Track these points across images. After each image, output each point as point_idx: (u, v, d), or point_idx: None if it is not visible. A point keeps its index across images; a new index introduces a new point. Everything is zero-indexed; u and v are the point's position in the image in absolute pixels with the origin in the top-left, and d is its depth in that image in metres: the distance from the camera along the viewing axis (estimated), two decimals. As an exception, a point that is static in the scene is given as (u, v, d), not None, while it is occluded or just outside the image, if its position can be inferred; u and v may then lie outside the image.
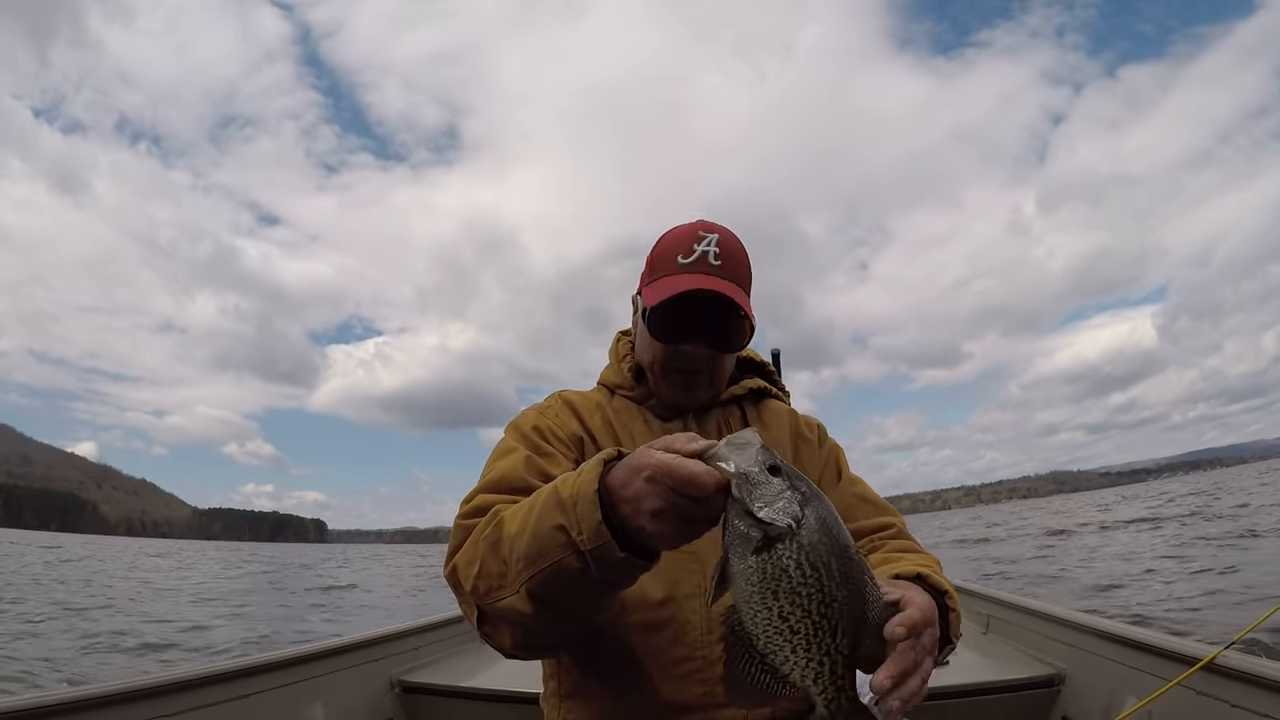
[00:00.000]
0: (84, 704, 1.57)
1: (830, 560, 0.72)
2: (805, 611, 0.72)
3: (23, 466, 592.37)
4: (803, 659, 0.74)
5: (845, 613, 0.73)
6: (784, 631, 0.72)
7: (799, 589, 0.71)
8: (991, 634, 2.79)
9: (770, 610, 0.72)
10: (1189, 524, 17.77)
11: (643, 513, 0.78)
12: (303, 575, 23.09)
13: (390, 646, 2.56)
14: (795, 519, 0.72)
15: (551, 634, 0.97)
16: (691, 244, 1.25)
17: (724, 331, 1.26)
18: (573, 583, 0.85)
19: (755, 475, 0.74)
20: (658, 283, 1.24)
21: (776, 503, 0.72)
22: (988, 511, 77.00)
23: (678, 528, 0.77)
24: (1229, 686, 1.64)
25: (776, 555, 0.71)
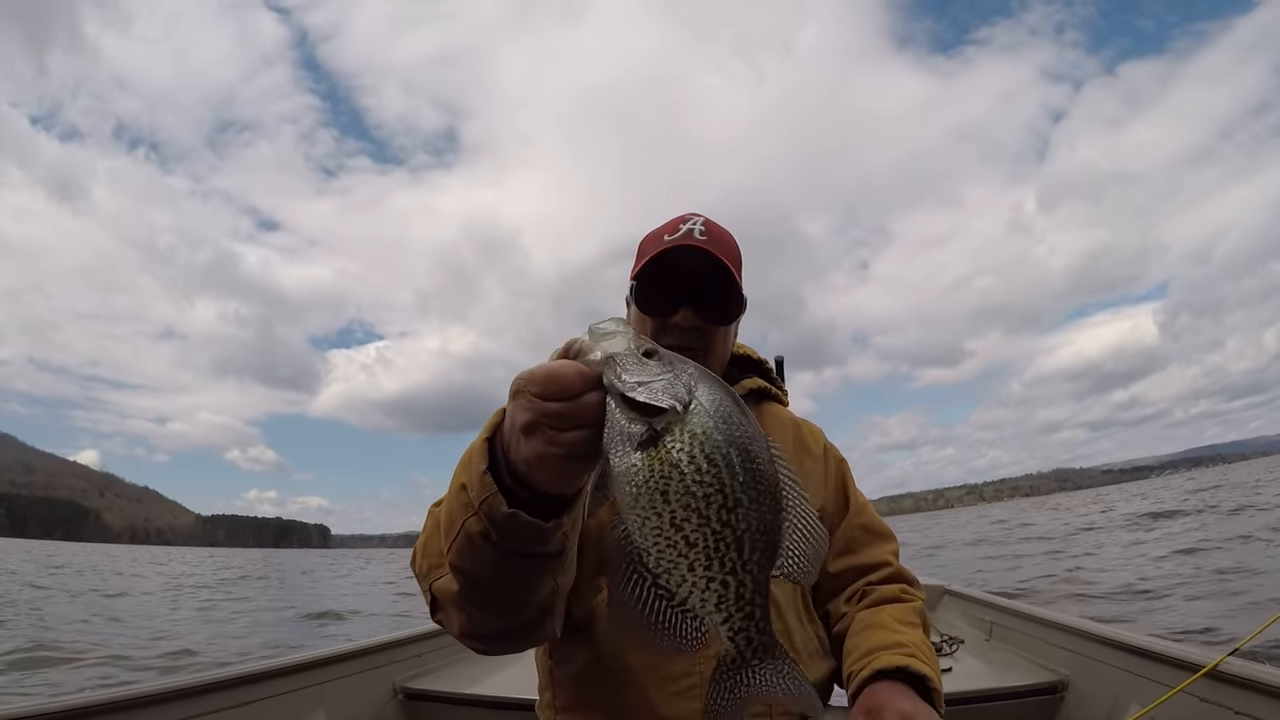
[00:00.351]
0: (85, 711, 1.57)
1: (731, 453, 0.60)
2: (703, 518, 0.59)
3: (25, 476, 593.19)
4: (701, 579, 0.61)
5: (755, 521, 0.61)
6: (678, 544, 0.60)
7: (693, 489, 0.59)
8: (995, 641, 2.78)
9: (660, 517, 0.59)
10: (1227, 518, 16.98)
11: (518, 438, 0.68)
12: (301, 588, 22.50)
13: (393, 653, 2.56)
14: (682, 401, 0.61)
15: (490, 620, 0.89)
16: (677, 225, 1.25)
17: (712, 299, 1.22)
18: (482, 551, 0.77)
19: (626, 358, 0.63)
20: (646, 259, 1.22)
21: (656, 384, 0.61)
22: (1001, 510, 74.49)
23: (555, 446, 0.65)
24: (1232, 693, 1.63)
25: (664, 448, 0.59)
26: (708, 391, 0.62)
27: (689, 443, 0.59)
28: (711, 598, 0.61)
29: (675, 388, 0.61)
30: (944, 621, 3.19)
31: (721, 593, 0.61)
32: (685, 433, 0.60)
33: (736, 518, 0.60)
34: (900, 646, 1.12)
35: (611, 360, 0.63)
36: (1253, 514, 16.74)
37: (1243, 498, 23.64)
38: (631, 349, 0.64)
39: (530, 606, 0.87)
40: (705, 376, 0.64)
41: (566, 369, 0.63)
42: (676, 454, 0.59)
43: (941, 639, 2.70)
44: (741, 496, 0.60)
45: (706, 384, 0.63)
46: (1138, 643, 2.00)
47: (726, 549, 0.60)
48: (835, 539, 1.34)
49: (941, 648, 2.63)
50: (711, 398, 0.62)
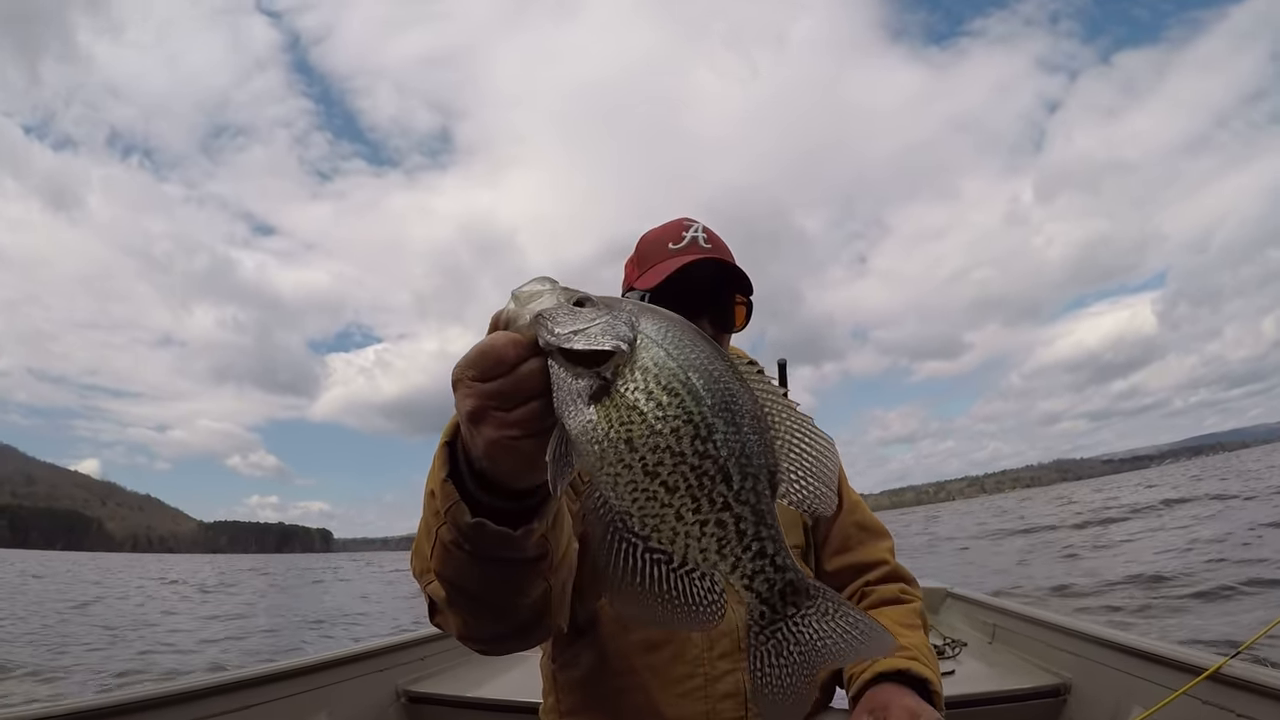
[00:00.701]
0: (87, 715, 1.58)
1: (690, 378, 0.54)
2: (676, 455, 0.52)
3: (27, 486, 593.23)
4: (694, 524, 0.53)
5: (736, 445, 0.53)
6: (658, 494, 0.52)
7: (658, 427, 0.52)
8: (997, 643, 2.78)
9: (631, 469, 0.52)
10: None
11: (470, 431, 0.62)
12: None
13: (396, 656, 2.56)
14: (625, 340, 0.54)
15: (483, 623, 0.86)
16: (680, 232, 1.27)
17: (726, 309, 1.25)
18: (459, 559, 0.73)
19: (556, 311, 0.57)
20: (652, 270, 1.24)
21: (593, 329, 0.55)
22: (1009, 502, 72.30)
23: (507, 428, 0.59)
24: (1234, 696, 1.63)
25: (618, 394, 0.53)
26: (652, 322, 0.57)
27: (642, 379, 0.53)
28: (712, 544, 0.53)
29: (616, 326, 0.55)
30: (946, 624, 3.18)
31: (720, 534, 0.53)
32: (636, 370, 0.54)
33: (714, 445, 0.53)
34: (902, 650, 1.13)
35: (541, 318, 0.57)
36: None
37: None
38: (560, 302, 0.58)
39: (522, 609, 0.84)
40: (646, 309, 0.59)
41: (497, 341, 0.58)
42: (632, 395, 0.53)
43: (944, 641, 2.69)
44: (714, 421, 0.53)
45: (649, 315, 0.58)
46: (1140, 645, 2.00)
47: (712, 483, 0.53)
48: (831, 538, 1.35)
49: (944, 650, 2.62)
50: (656, 326, 0.56)
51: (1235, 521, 13.16)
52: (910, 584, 1.34)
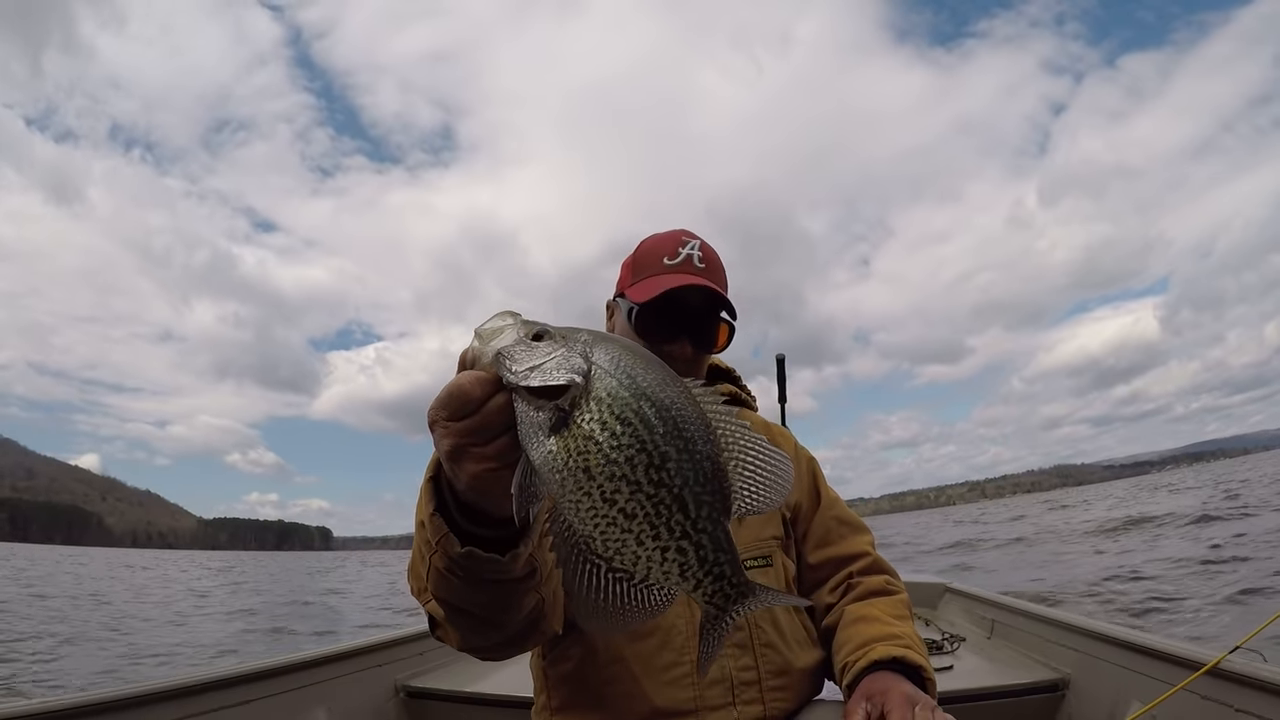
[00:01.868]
0: (86, 710, 1.57)
1: (642, 407, 0.57)
2: (633, 484, 0.56)
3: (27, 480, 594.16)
4: (655, 551, 0.57)
5: (691, 473, 0.57)
6: (618, 520, 0.56)
7: (613, 455, 0.55)
8: (996, 638, 2.78)
9: (590, 496, 0.56)
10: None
11: (451, 468, 0.66)
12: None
13: (394, 652, 2.56)
14: (579, 372, 0.58)
15: (481, 637, 0.92)
16: (676, 247, 1.30)
17: (709, 332, 1.30)
18: (453, 583, 0.78)
19: (514, 348, 0.60)
20: (645, 282, 1.28)
21: (548, 364, 0.58)
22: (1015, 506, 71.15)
23: (485, 462, 0.63)
24: (1233, 691, 1.63)
25: (575, 424, 0.56)
26: (605, 353, 0.59)
27: (597, 409, 0.56)
28: (674, 569, 0.58)
29: (571, 360, 0.58)
30: (945, 619, 3.18)
31: (682, 561, 0.58)
32: (591, 401, 0.57)
33: (668, 474, 0.56)
34: (895, 638, 1.15)
35: (500, 356, 0.60)
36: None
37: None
38: (519, 337, 0.61)
39: (517, 621, 0.90)
40: (601, 339, 0.62)
41: (463, 381, 0.61)
42: (588, 425, 0.56)
43: (943, 636, 2.70)
44: (667, 449, 0.56)
45: (603, 346, 0.60)
46: (1139, 640, 2.00)
47: (670, 511, 0.56)
48: (811, 532, 1.39)
49: (943, 645, 2.63)
50: (609, 357, 0.59)
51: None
52: (893, 576, 1.37)
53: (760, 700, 1.15)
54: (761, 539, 1.28)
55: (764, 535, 1.28)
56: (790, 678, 1.19)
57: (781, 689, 1.18)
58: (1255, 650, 1.76)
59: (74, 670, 7.29)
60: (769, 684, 1.17)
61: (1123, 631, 2.11)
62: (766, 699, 1.16)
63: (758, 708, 1.15)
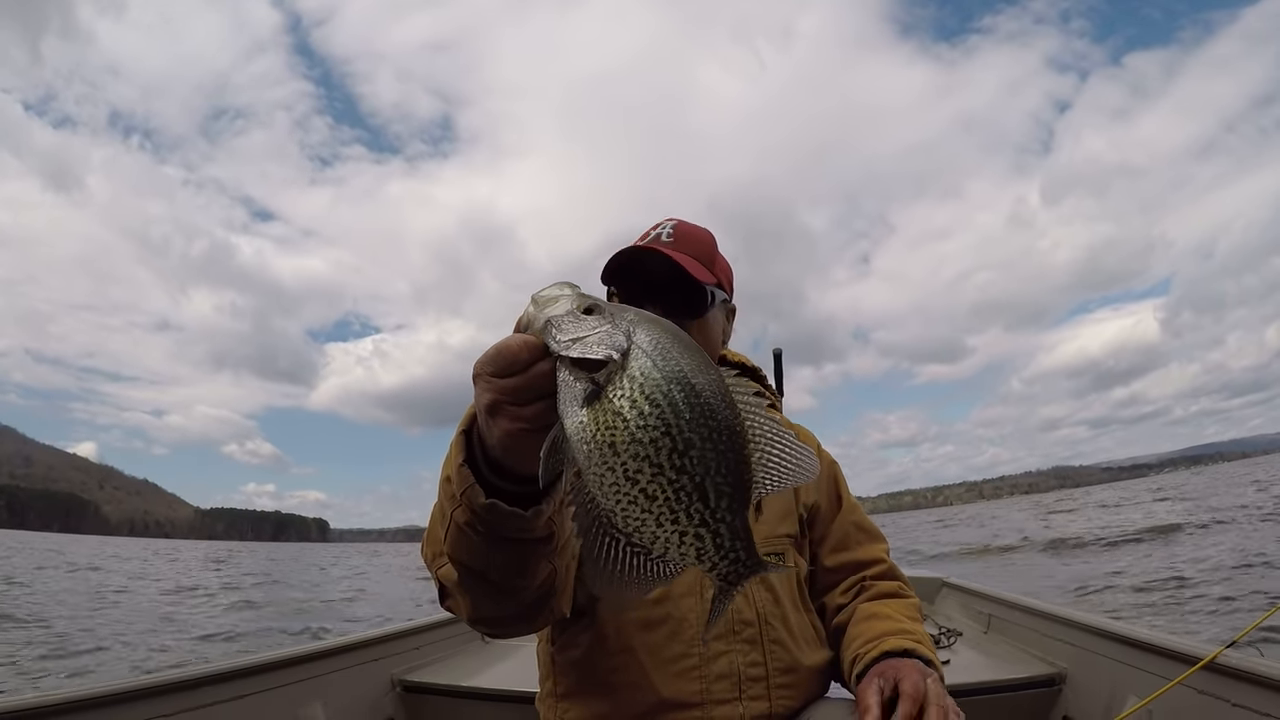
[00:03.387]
0: (82, 704, 1.57)
1: (672, 390, 0.57)
2: (655, 466, 0.56)
3: (24, 468, 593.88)
4: (673, 533, 0.58)
5: (714, 463, 0.57)
6: (638, 499, 0.57)
7: (638, 435, 0.56)
8: (992, 633, 2.79)
9: (615, 472, 0.56)
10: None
11: (486, 421, 0.69)
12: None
13: (391, 646, 2.56)
14: (618, 349, 0.58)
15: (493, 605, 0.92)
16: (651, 229, 1.30)
17: (676, 296, 1.24)
18: (472, 540, 0.80)
19: (563, 319, 0.62)
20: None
21: (591, 337, 0.60)
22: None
23: (520, 421, 0.66)
24: (1230, 685, 1.63)
25: (607, 399, 0.57)
26: (646, 334, 0.60)
27: (629, 387, 0.57)
28: (690, 551, 0.59)
29: (613, 337, 0.59)
30: (942, 614, 3.19)
31: (699, 546, 0.58)
32: (625, 378, 0.57)
33: (690, 461, 0.56)
34: (907, 633, 1.16)
35: (548, 324, 0.62)
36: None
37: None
38: (571, 309, 0.62)
39: (529, 590, 0.90)
40: (646, 320, 0.62)
41: (512, 343, 0.64)
42: (619, 402, 0.57)
43: (940, 631, 2.71)
44: (692, 436, 0.56)
45: (645, 326, 0.61)
46: (1135, 635, 2.00)
47: (690, 499, 0.57)
48: (829, 536, 1.39)
49: (940, 640, 2.63)
50: (649, 337, 0.60)
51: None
52: (905, 584, 1.39)
53: (766, 696, 1.15)
54: (776, 535, 1.28)
55: (778, 532, 1.28)
56: (797, 675, 1.19)
57: (788, 686, 1.18)
58: (1252, 645, 1.77)
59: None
60: (776, 681, 1.17)
61: (1119, 626, 2.11)
62: (773, 695, 1.16)
63: (763, 703, 1.15)
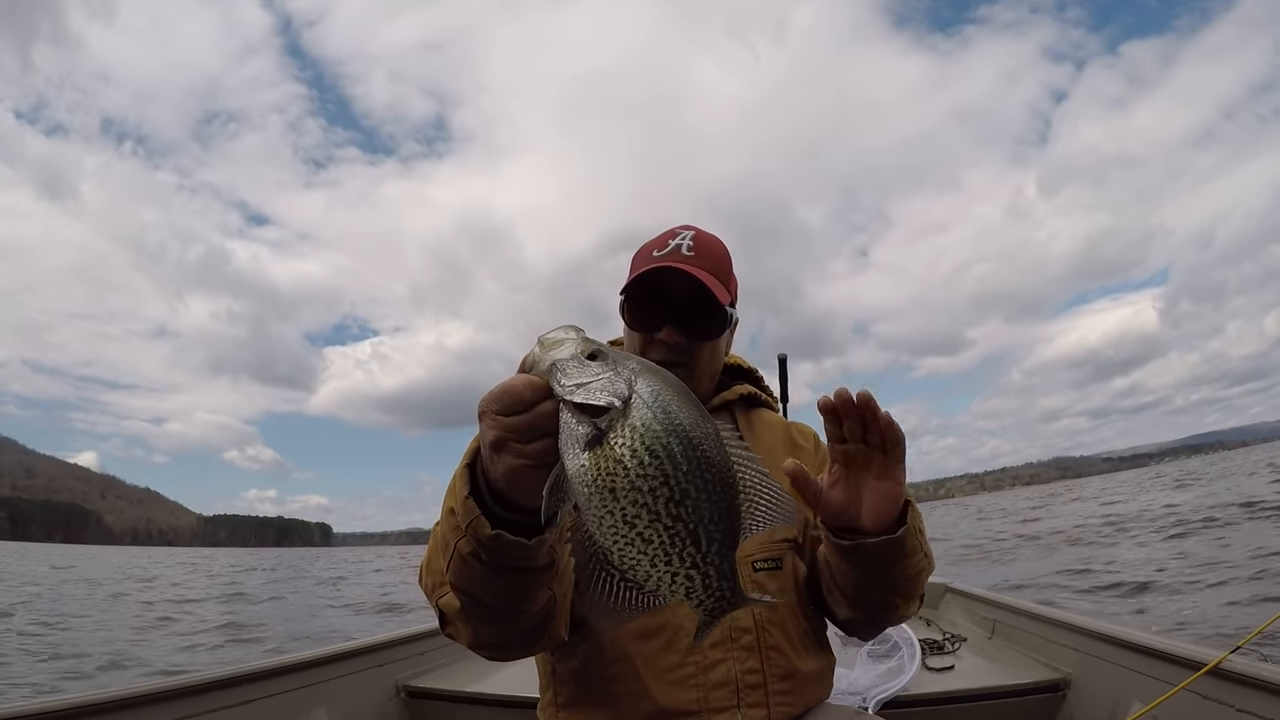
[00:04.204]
0: (86, 710, 1.57)
1: (671, 444, 0.61)
2: (653, 513, 0.61)
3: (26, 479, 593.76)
4: (665, 574, 0.63)
5: (707, 512, 0.62)
6: (635, 541, 0.61)
7: (638, 484, 0.60)
8: (997, 638, 2.78)
9: (614, 515, 0.61)
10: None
11: (490, 457, 0.72)
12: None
13: (395, 651, 2.56)
14: (620, 397, 0.62)
15: (494, 631, 0.94)
16: (667, 240, 1.28)
17: (697, 317, 1.25)
18: (475, 570, 0.83)
19: (567, 363, 0.66)
20: (634, 274, 1.26)
21: (594, 384, 0.63)
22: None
23: (523, 458, 0.69)
24: (1235, 691, 1.63)
25: (608, 445, 0.61)
26: (647, 384, 0.64)
27: (629, 437, 0.61)
28: (680, 589, 0.64)
29: (615, 385, 0.63)
30: (946, 619, 3.19)
31: (689, 585, 0.64)
32: (626, 428, 0.61)
33: (686, 510, 0.61)
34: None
35: (554, 367, 0.66)
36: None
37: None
38: (575, 354, 0.66)
39: (529, 616, 0.93)
40: (647, 370, 0.66)
41: (517, 383, 0.67)
42: (620, 450, 0.61)
43: (944, 636, 2.70)
44: (688, 487, 0.61)
45: (647, 377, 0.65)
46: (1140, 640, 1.99)
47: (683, 544, 0.62)
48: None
49: (944, 645, 2.63)
50: (651, 389, 0.64)
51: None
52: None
53: (765, 704, 1.15)
54: (774, 541, 1.27)
55: (776, 538, 1.28)
56: (795, 682, 1.19)
57: (787, 693, 1.17)
58: (1256, 650, 1.76)
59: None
60: (774, 687, 1.16)
61: (1124, 631, 2.10)
62: (771, 702, 1.15)
63: (762, 711, 1.14)
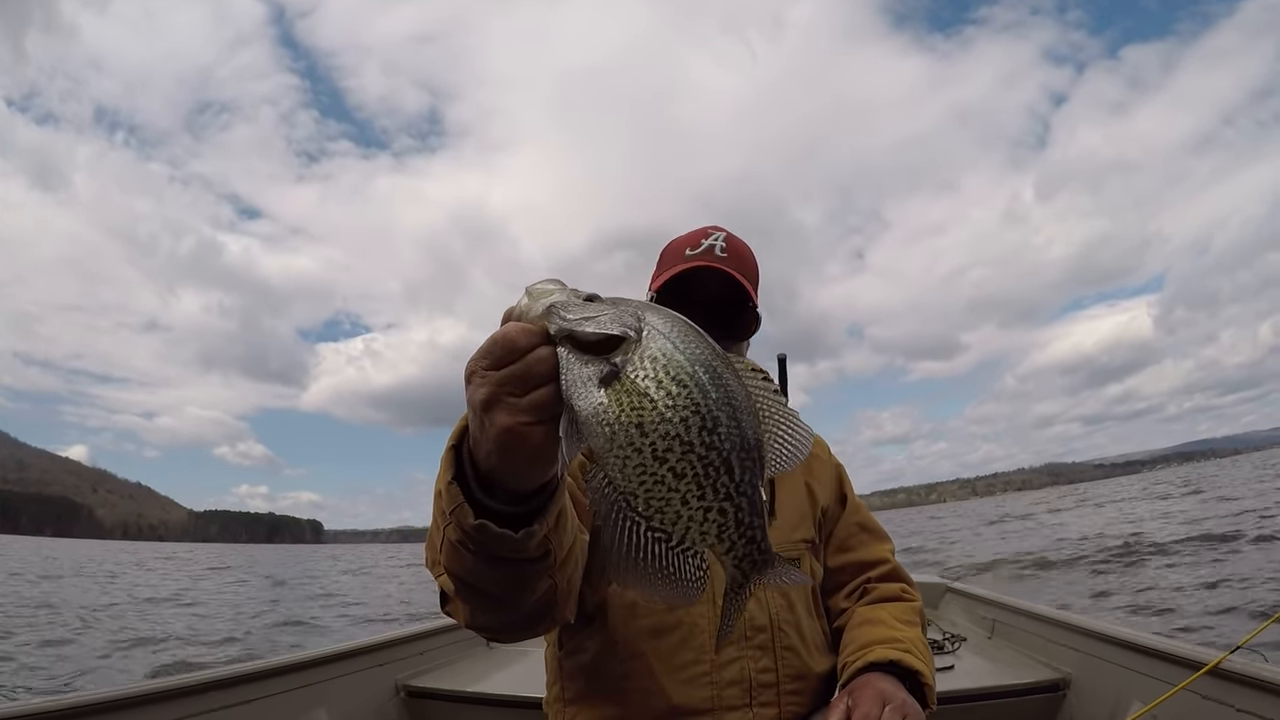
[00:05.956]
0: (86, 709, 1.57)
1: (698, 371, 0.57)
2: (685, 444, 0.56)
3: (17, 472, 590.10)
4: (698, 510, 0.58)
5: (737, 439, 0.58)
6: (666, 478, 0.56)
7: (668, 415, 0.56)
8: (997, 638, 2.79)
9: (641, 453, 0.56)
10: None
11: (481, 421, 0.64)
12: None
13: (395, 651, 2.55)
14: (633, 328, 0.58)
15: (490, 615, 0.89)
16: (699, 239, 1.30)
17: (730, 317, 1.29)
18: (465, 557, 0.76)
19: (567, 303, 0.61)
20: (666, 273, 1.28)
21: (602, 317, 0.59)
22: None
23: (520, 414, 0.61)
24: (1234, 691, 1.64)
25: (628, 379, 0.56)
26: (658, 316, 0.60)
27: (652, 367, 0.57)
28: (712, 529, 0.59)
29: (624, 317, 0.59)
30: (946, 619, 3.20)
31: (721, 521, 0.59)
32: (646, 359, 0.57)
33: (719, 438, 0.57)
34: (896, 642, 1.15)
35: (552, 308, 0.60)
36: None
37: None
38: (571, 297, 0.62)
39: (528, 603, 0.87)
40: (651, 306, 0.62)
41: (509, 329, 0.61)
42: (643, 382, 0.56)
43: (944, 636, 2.71)
44: (719, 414, 0.57)
45: (654, 310, 0.61)
46: (1140, 640, 2.01)
47: (717, 474, 0.57)
48: (833, 536, 1.39)
49: (944, 645, 2.64)
50: (663, 320, 0.60)
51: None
52: (910, 585, 1.38)
53: (776, 703, 1.15)
54: (792, 540, 1.28)
55: (795, 537, 1.28)
56: (807, 682, 1.20)
57: (798, 693, 1.18)
58: (1256, 650, 1.77)
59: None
60: (786, 687, 1.17)
61: (1123, 631, 2.12)
62: (782, 702, 1.16)
63: (773, 710, 1.15)
